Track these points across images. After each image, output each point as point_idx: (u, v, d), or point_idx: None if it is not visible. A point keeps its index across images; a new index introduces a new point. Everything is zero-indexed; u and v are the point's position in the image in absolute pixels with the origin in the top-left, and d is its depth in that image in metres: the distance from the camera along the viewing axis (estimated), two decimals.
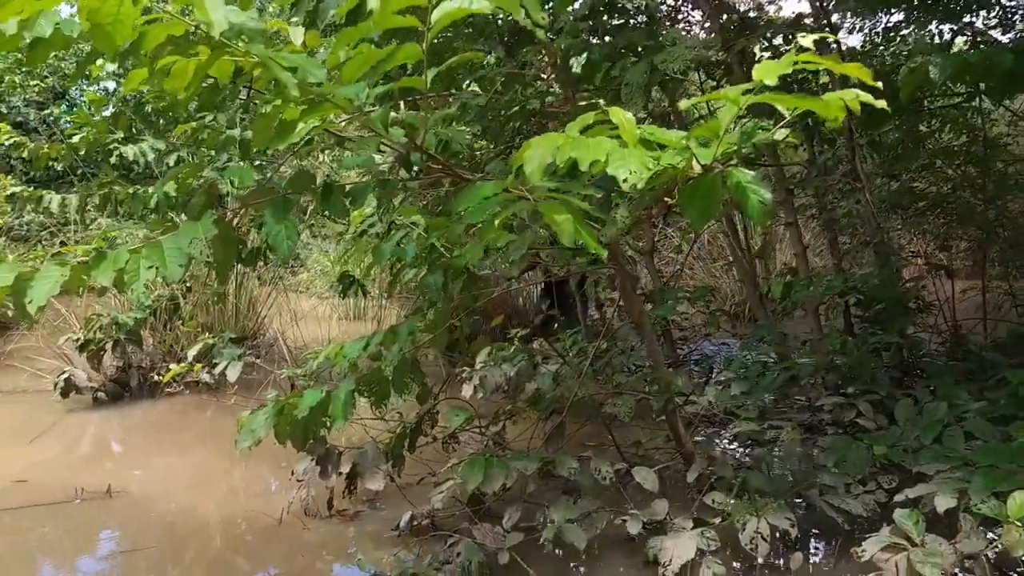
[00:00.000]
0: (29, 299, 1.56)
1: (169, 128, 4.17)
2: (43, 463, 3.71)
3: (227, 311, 6.02)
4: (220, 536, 2.82)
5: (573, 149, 1.34)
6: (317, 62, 1.45)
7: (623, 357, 3.80)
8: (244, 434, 2.22)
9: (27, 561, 2.65)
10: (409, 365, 2.40)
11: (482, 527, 2.42)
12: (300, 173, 1.90)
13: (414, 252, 2.57)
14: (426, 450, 3.04)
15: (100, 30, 1.40)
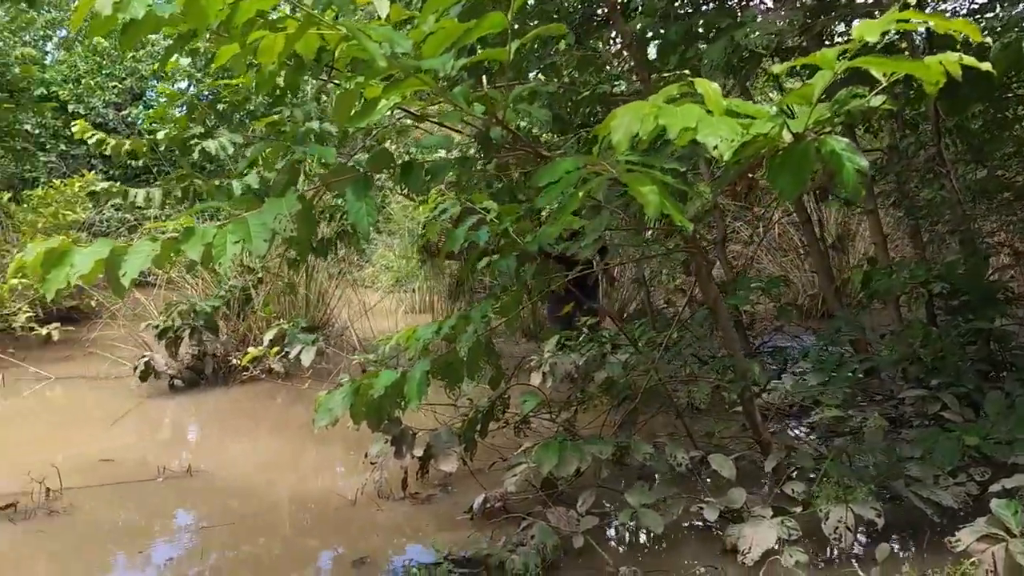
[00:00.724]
0: (123, 272, 1.61)
1: (243, 123, 4.26)
2: (126, 444, 3.84)
3: (297, 302, 6.15)
4: (295, 515, 2.87)
5: (661, 117, 1.31)
6: (402, 34, 1.46)
7: (695, 346, 3.74)
8: (321, 413, 2.25)
9: (117, 533, 2.74)
10: (484, 348, 2.40)
11: (556, 511, 2.40)
12: (380, 151, 1.91)
13: (486, 237, 2.58)
14: (497, 436, 3.04)
15: (194, 6, 1.43)
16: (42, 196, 7.02)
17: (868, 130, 4.41)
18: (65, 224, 7.08)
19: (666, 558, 2.33)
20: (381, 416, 2.34)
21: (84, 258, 1.60)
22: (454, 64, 1.48)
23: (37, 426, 4.38)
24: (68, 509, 2.90)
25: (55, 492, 2.99)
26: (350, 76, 1.77)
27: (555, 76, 3.32)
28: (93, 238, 8.23)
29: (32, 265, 1.63)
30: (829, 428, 3.17)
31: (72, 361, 6.03)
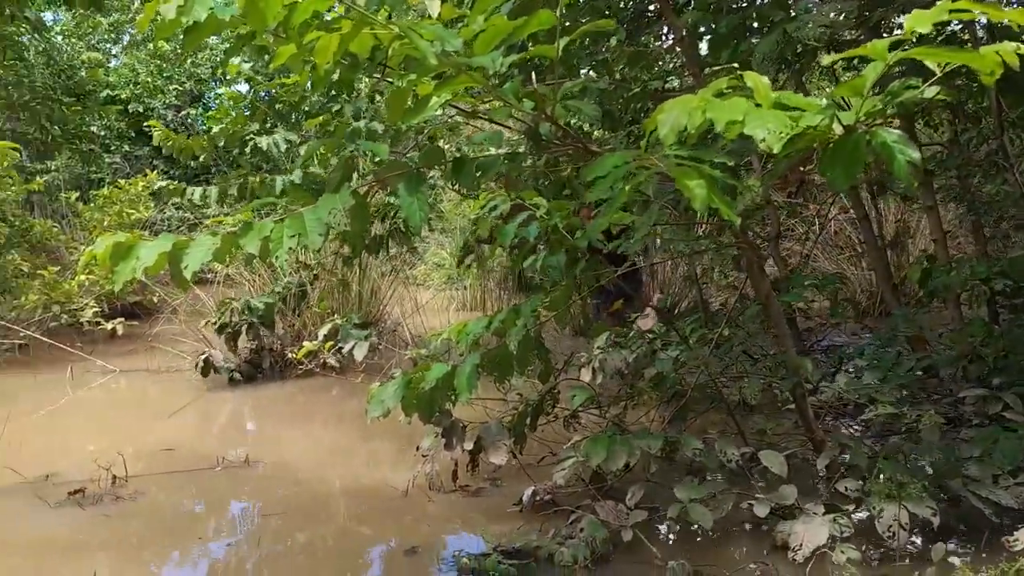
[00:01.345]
0: (185, 265, 1.67)
1: (299, 121, 4.36)
2: (186, 435, 3.97)
3: (351, 299, 6.26)
4: (348, 505, 2.94)
5: (709, 110, 1.31)
6: (453, 33, 1.49)
7: (747, 343, 3.70)
8: (374, 404, 2.30)
9: (179, 519, 2.84)
10: (533, 342, 2.42)
11: (605, 504, 2.41)
12: (432, 148, 1.95)
13: (536, 232, 2.60)
14: (547, 431, 3.07)
15: (254, 8, 1.48)
16: (107, 196, 7.27)
17: (928, 124, 4.31)
18: (129, 223, 7.31)
19: (715, 553, 2.33)
20: (432, 409, 2.38)
21: (149, 251, 1.67)
22: (503, 61, 1.50)
23: (103, 416, 4.55)
24: (133, 495, 3.01)
25: (121, 479, 3.11)
26: (403, 74, 1.82)
27: (606, 72, 3.32)
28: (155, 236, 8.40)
29: (101, 258, 1.70)
30: (884, 426, 3.12)
31: (135, 355, 6.24)
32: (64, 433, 4.12)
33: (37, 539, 2.65)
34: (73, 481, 3.12)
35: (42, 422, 4.26)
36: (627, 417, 3.19)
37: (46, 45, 9.01)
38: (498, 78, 1.76)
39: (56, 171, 8.75)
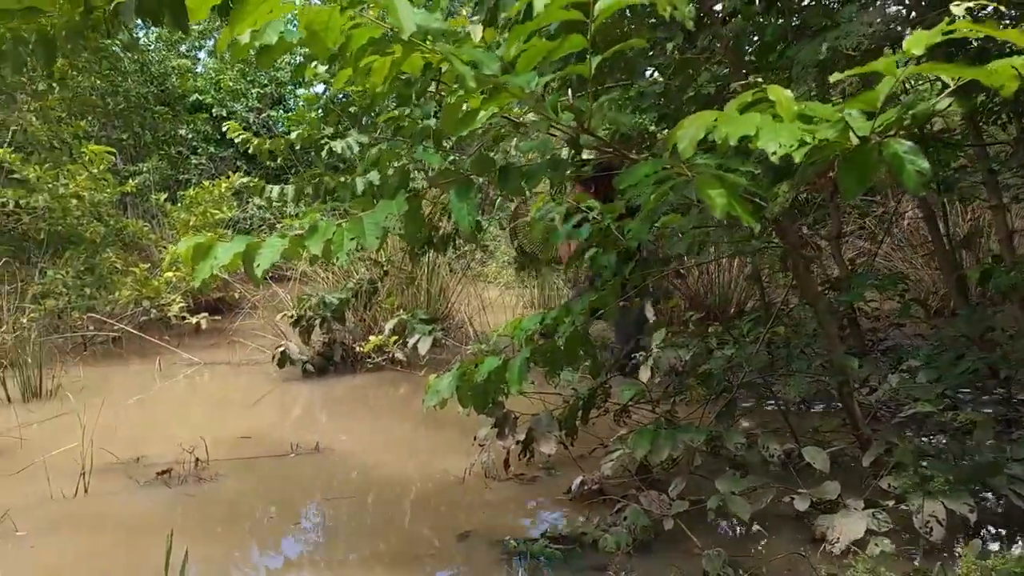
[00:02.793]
0: (257, 264, 1.86)
1: (370, 123, 4.57)
2: (263, 423, 4.23)
3: (419, 295, 6.48)
4: (411, 490, 3.11)
5: (723, 125, 1.42)
6: (493, 55, 1.63)
7: (804, 342, 3.74)
8: (431, 394, 2.46)
9: (256, 499, 3.07)
10: (581, 338, 2.54)
11: (649, 494, 2.52)
12: (481, 156, 2.10)
13: (588, 233, 2.72)
14: (599, 424, 3.18)
15: (315, 36, 1.65)
16: (193, 196, 7.67)
17: (995, 122, 4.23)
18: (213, 222, 7.70)
19: (753, 544, 2.41)
20: (485, 400, 2.53)
21: (225, 251, 1.87)
22: (539, 81, 1.64)
23: (187, 405, 4.87)
24: (214, 477, 3.26)
25: (203, 463, 3.37)
26: (453, 90, 1.97)
27: (664, 74, 3.41)
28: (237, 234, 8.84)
29: (183, 257, 1.90)
30: (936, 426, 3.13)
31: (217, 348, 6.60)
32: (152, 419, 4.43)
33: (130, 513, 2.91)
34: (160, 463, 3.39)
35: (133, 409, 4.60)
36: (679, 413, 3.28)
37: (139, 55, 9.53)
38: (533, 96, 1.89)
39: (146, 173, 9.26)
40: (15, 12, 2.17)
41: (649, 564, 2.25)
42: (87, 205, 6.66)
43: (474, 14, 2.19)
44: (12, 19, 2.21)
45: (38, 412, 4.41)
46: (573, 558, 2.35)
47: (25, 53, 2.41)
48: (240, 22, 1.54)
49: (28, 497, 3.00)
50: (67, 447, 3.39)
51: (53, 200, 6.31)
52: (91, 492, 3.07)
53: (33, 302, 5.99)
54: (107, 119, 9.44)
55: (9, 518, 2.75)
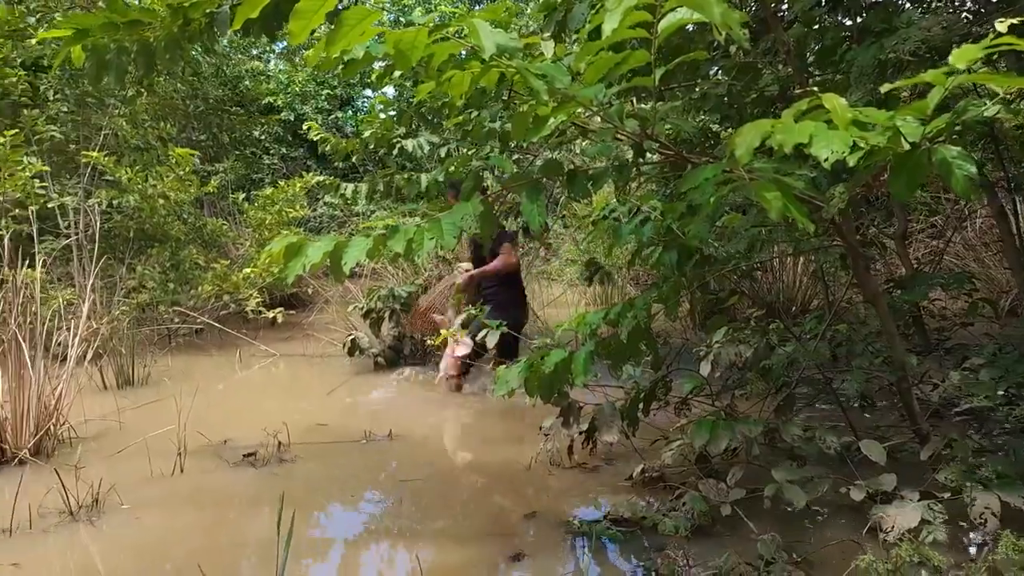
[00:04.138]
0: (344, 262, 2.03)
1: (440, 123, 4.76)
2: (337, 411, 4.46)
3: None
4: (478, 475, 3.28)
5: (778, 133, 1.53)
6: (563, 69, 1.77)
7: (863, 339, 3.77)
8: (500, 384, 2.62)
9: (333, 481, 3.27)
10: (643, 332, 2.66)
11: (707, 482, 2.63)
12: (550, 161, 2.24)
13: (650, 233, 2.84)
14: (659, 416, 3.29)
15: (401, 53, 1.81)
16: (268, 196, 7.99)
17: None
18: (287, 220, 8.02)
19: (808, 532, 2.50)
20: (552, 390, 2.67)
21: (315, 250, 2.05)
22: (607, 93, 1.77)
23: (266, 393, 5.14)
24: (294, 460, 3.48)
25: (285, 446, 3.59)
26: (524, 100, 2.12)
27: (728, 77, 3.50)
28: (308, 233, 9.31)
29: (275, 255, 2.09)
30: (996, 423, 3.15)
31: (293, 341, 6.90)
32: (235, 406, 4.71)
33: (222, 490, 3.15)
34: (246, 446, 3.63)
35: (217, 396, 4.88)
36: (739, 407, 3.37)
37: (216, 60, 9.93)
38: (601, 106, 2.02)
39: (223, 173, 9.65)
40: (120, 24, 2.39)
41: (706, 547, 2.36)
42: (172, 205, 7.03)
43: (543, 30, 2.32)
44: (117, 31, 2.43)
45: (131, 398, 4.73)
46: (634, 539, 2.48)
47: (127, 62, 2.64)
48: (336, 43, 1.71)
49: (130, 475, 3.26)
50: (163, 430, 3.66)
51: (142, 200, 6.68)
52: (186, 471, 3.32)
53: (125, 296, 6.37)
54: (187, 121, 9.87)
55: (115, 492, 3.01)
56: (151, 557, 2.53)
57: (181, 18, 2.35)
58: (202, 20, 2.39)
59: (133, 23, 2.30)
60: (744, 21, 1.53)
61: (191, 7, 2.29)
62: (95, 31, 2.25)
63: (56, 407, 3.62)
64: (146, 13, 2.35)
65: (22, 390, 3.44)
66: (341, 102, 15.19)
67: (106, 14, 2.22)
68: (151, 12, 2.32)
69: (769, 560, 2.16)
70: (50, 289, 5.62)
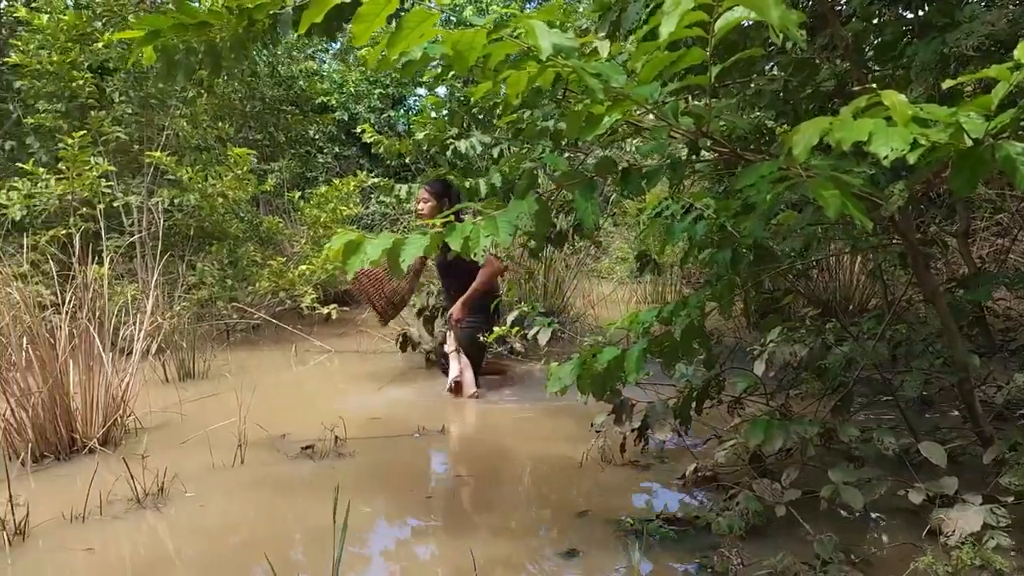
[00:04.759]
0: (402, 258, 2.07)
1: (491, 123, 4.79)
2: (391, 406, 4.53)
3: (536, 289, 6.69)
4: (530, 471, 3.30)
5: (837, 131, 1.52)
6: (618, 68, 1.78)
7: (923, 340, 3.70)
8: (552, 381, 2.64)
9: (389, 473, 3.33)
10: (696, 331, 2.65)
11: (761, 482, 2.61)
12: (604, 158, 2.25)
13: (704, 230, 2.83)
14: (712, 415, 3.28)
15: (458, 54, 1.85)
16: (323, 194, 8.13)
17: None
18: (340, 218, 8.14)
19: (865, 534, 2.47)
20: (604, 388, 2.68)
21: (374, 247, 2.09)
22: (662, 92, 1.78)
23: (322, 388, 5.24)
24: (351, 453, 3.54)
25: (341, 440, 3.67)
26: (579, 98, 2.13)
27: (784, 73, 3.46)
28: (360, 230, 9.32)
29: (334, 252, 2.14)
30: None
31: (346, 337, 7.02)
32: (291, 400, 4.82)
33: (282, 481, 3.23)
34: (303, 439, 3.72)
35: (273, 391, 4.99)
36: (792, 407, 3.33)
37: (272, 59, 10.13)
38: (661, 100, 2.03)
39: (278, 172, 9.83)
40: (189, 26, 2.47)
41: (760, 547, 2.35)
42: (231, 203, 7.20)
43: (597, 29, 2.33)
44: (186, 32, 2.52)
45: (192, 391, 4.86)
46: (686, 538, 2.47)
47: (195, 62, 2.73)
48: (397, 45, 1.75)
49: (193, 465, 3.36)
50: (223, 423, 3.76)
51: (202, 199, 6.86)
52: (247, 462, 3.42)
53: (185, 293, 6.55)
54: (244, 121, 10.08)
55: (179, 481, 3.11)
56: (214, 543, 2.61)
57: (246, 19, 2.42)
58: (265, 21, 2.46)
59: (201, 24, 2.38)
60: (802, 21, 1.52)
61: (256, 8, 2.35)
62: (165, 32, 2.34)
63: (123, 399, 3.75)
64: (213, 15, 2.43)
65: (92, 382, 3.58)
66: (393, 101, 15.34)
67: (175, 16, 2.30)
68: (218, 14, 2.39)
69: (826, 560, 2.14)
70: (115, 285, 5.81)
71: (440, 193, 4.83)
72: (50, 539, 2.65)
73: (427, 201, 4.81)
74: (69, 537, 2.65)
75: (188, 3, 2.37)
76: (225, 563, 2.46)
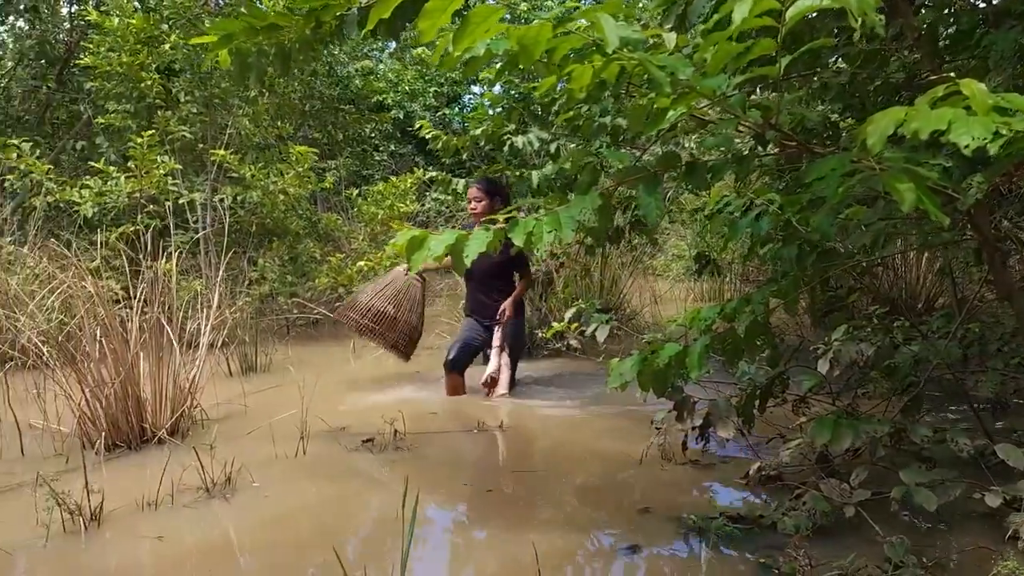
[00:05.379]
0: (466, 254, 2.08)
1: (548, 119, 4.79)
2: (449, 402, 4.57)
3: (592, 286, 6.66)
4: (589, 468, 3.29)
5: (914, 120, 1.48)
6: (685, 60, 1.76)
7: (1001, 340, 3.58)
8: (613, 377, 2.62)
9: (448, 467, 3.35)
10: (761, 328, 2.61)
11: (829, 482, 2.55)
12: (667, 153, 2.23)
13: (768, 227, 2.78)
14: (776, 414, 3.22)
15: (523, 49, 1.85)
16: (381, 191, 8.23)
17: None
18: (397, 215, 8.22)
19: (939, 537, 2.39)
20: (665, 384, 2.65)
21: (437, 243, 2.10)
22: (730, 83, 1.75)
23: (380, 382, 5.30)
24: (410, 446, 3.58)
25: (400, 434, 3.71)
26: (643, 93, 2.12)
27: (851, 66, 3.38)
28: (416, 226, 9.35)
29: (399, 248, 2.15)
30: None
31: None
32: (351, 394, 4.88)
33: (343, 473, 3.29)
34: (362, 432, 3.77)
35: (332, 384, 5.07)
36: (859, 407, 3.26)
37: (329, 59, 10.28)
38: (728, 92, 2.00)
39: (335, 169, 9.98)
40: (259, 29, 2.52)
41: (828, 548, 2.30)
42: (291, 200, 7.34)
43: (663, 22, 2.31)
44: (257, 35, 2.57)
45: (254, 384, 4.98)
46: (751, 537, 2.44)
47: (266, 64, 2.79)
48: (462, 41, 1.76)
49: (257, 455, 3.44)
50: (285, 414, 3.84)
51: (264, 196, 7.00)
52: (308, 454, 3.48)
53: (247, 288, 6.70)
54: (303, 120, 10.26)
55: (246, 471, 3.18)
56: (281, 532, 2.67)
57: (314, 21, 2.46)
58: (332, 22, 2.50)
59: (271, 27, 2.43)
60: (879, 6, 1.48)
61: (323, 10, 2.39)
62: (238, 35, 2.39)
63: (191, 390, 3.85)
64: (282, 17, 2.48)
65: (161, 374, 3.68)
66: (448, 99, 15.45)
67: (246, 19, 2.35)
68: (287, 16, 2.43)
69: (898, 564, 2.09)
70: (180, 280, 5.97)
71: (491, 191, 4.84)
72: (123, 526, 2.74)
73: (480, 200, 4.81)
74: (141, 524, 2.73)
75: (256, 6, 2.42)
76: (291, 553, 2.51)
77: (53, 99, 8.95)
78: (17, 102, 9.05)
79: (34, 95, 9.06)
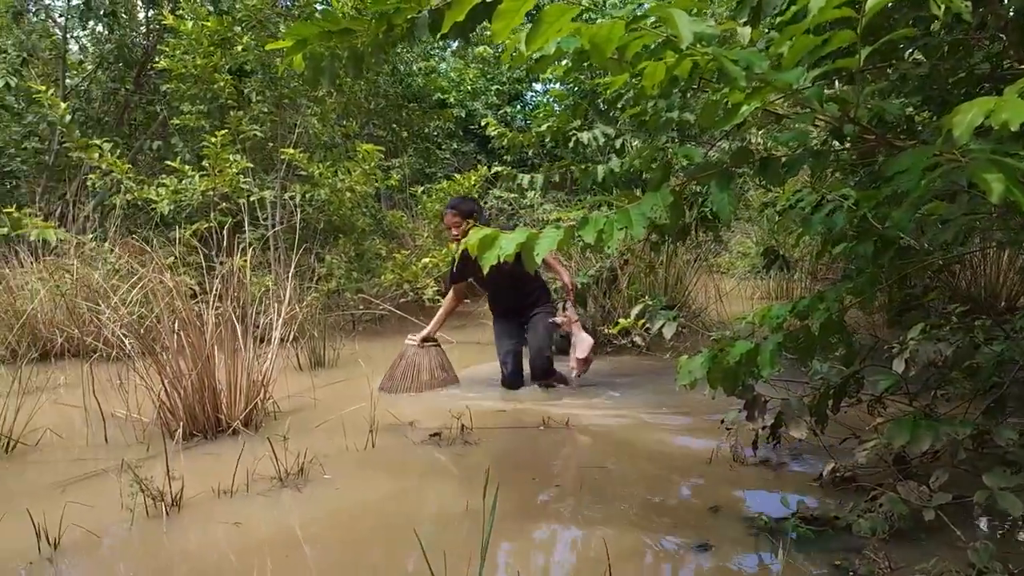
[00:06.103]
0: (536, 252, 2.09)
1: (615, 115, 4.76)
2: (514, 398, 4.59)
3: (657, 283, 6.61)
4: (658, 466, 3.27)
5: (1002, 111, 1.43)
6: (759, 55, 1.73)
7: None
8: (683, 374, 2.60)
9: (514, 462, 3.37)
10: (835, 326, 2.55)
11: (907, 484, 2.49)
12: (741, 148, 2.19)
13: (843, 223, 2.71)
14: (850, 414, 3.15)
15: (595, 47, 1.84)
16: (445, 188, 8.29)
17: None
18: None
19: (1021, 545, 2.31)
20: (735, 383, 2.62)
21: (508, 242, 2.11)
22: (808, 76, 1.72)
23: None
24: (476, 441, 3.61)
25: (468, 429, 3.74)
26: (717, 88, 2.09)
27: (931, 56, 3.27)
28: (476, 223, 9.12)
29: (471, 246, 2.17)
30: None
31: (466, 329, 7.14)
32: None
33: (412, 466, 3.34)
34: (430, 427, 3.82)
35: None
36: (938, 408, 3.16)
37: (394, 59, 10.41)
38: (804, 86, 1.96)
39: (400, 167, 10.10)
40: (333, 33, 2.57)
41: (906, 552, 2.24)
42: (358, 197, 7.46)
43: (736, 16, 2.28)
44: (331, 39, 2.62)
45: (323, 377, 5.08)
46: (824, 539, 2.39)
47: (339, 67, 2.84)
48: (536, 40, 1.77)
49: (328, 447, 3.51)
50: (354, 407, 3.91)
51: (332, 194, 7.14)
52: (377, 447, 3.55)
53: (314, 284, 6.84)
54: (368, 118, 10.40)
55: (318, 462, 3.26)
56: (352, 523, 2.72)
57: (385, 24, 2.49)
58: (404, 26, 2.53)
59: (344, 31, 2.47)
60: None
61: (395, 14, 2.42)
62: (312, 40, 2.44)
63: (263, 383, 3.96)
64: (355, 21, 2.52)
65: (235, 367, 3.79)
66: (510, 97, 15.46)
67: (320, 23, 2.40)
68: (360, 20, 2.48)
69: (982, 570, 2.02)
70: (252, 276, 6.12)
71: (466, 213, 4.81)
72: (201, 511, 2.83)
73: (458, 225, 4.80)
74: (218, 511, 2.82)
75: (331, 11, 2.47)
76: (362, 544, 2.56)
77: (131, 101, 9.27)
78: (97, 104, 9.41)
79: (113, 97, 9.40)
